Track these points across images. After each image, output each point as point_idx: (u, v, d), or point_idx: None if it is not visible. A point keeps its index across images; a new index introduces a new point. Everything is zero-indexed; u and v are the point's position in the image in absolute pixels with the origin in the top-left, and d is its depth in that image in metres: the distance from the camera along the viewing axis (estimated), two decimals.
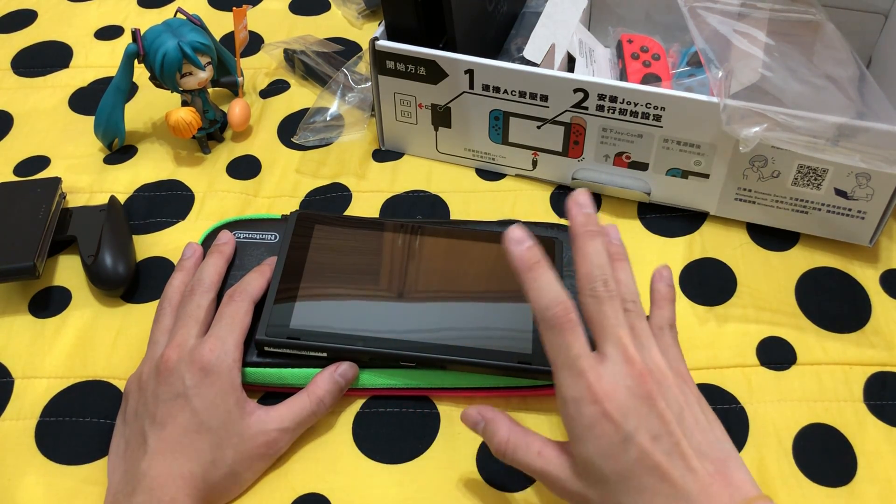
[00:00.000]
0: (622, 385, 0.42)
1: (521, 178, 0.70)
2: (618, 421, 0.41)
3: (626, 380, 0.42)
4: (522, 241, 0.45)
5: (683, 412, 0.43)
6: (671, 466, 0.41)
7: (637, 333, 0.44)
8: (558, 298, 0.43)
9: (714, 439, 0.43)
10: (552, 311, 0.43)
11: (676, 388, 0.43)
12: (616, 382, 0.42)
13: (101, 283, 0.61)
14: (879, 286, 0.61)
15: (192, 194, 0.69)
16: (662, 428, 0.41)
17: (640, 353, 0.43)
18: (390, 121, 0.70)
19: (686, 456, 0.41)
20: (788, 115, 0.56)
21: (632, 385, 0.42)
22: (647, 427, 0.41)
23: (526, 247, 0.44)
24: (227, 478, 0.49)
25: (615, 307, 0.44)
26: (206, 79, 0.69)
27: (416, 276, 0.57)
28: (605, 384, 0.42)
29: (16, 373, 0.58)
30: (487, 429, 0.47)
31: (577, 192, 0.47)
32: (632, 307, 0.45)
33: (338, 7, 0.89)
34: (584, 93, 0.62)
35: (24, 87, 0.81)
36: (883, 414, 0.54)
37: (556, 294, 0.43)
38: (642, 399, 0.42)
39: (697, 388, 0.45)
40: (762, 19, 0.64)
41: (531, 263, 0.44)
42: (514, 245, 0.45)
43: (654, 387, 0.42)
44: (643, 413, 0.42)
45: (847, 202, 0.61)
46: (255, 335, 0.54)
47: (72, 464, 0.53)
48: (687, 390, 0.44)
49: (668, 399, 0.42)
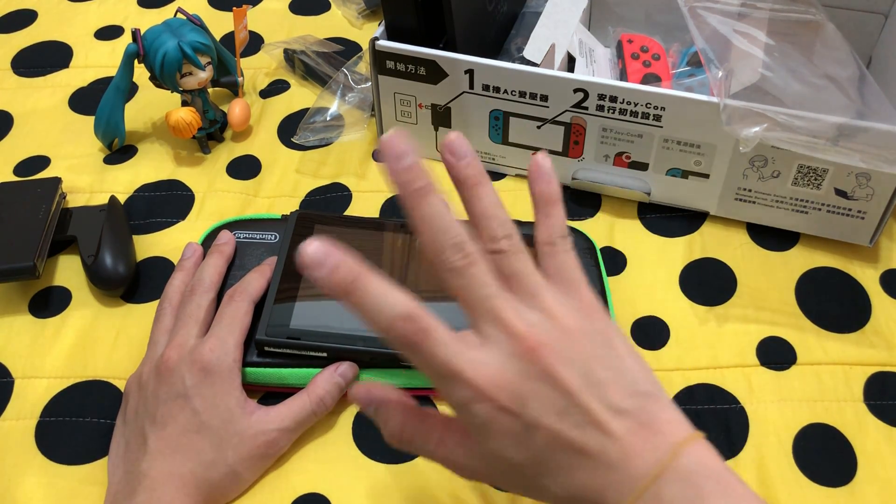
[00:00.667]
0: (512, 370, 0.36)
1: (521, 178, 0.70)
2: (516, 411, 0.36)
3: (514, 362, 0.36)
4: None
5: (590, 368, 0.37)
6: (586, 439, 0.36)
7: (518, 283, 0.38)
8: (400, 312, 0.36)
9: (630, 384, 0.37)
10: (395, 331, 0.36)
11: (579, 340, 0.37)
12: (503, 368, 0.36)
13: (101, 283, 0.61)
14: (879, 286, 0.61)
15: (192, 194, 0.69)
16: (569, 401, 0.36)
17: (523, 317, 0.37)
18: (390, 121, 0.70)
19: (600, 422, 0.36)
20: (788, 115, 0.56)
21: (523, 367, 0.36)
22: (552, 406, 0.36)
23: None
24: (228, 478, 0.49)
25: (480, 272, 0.37)
26: (206, 79, 0.69)
27: (416, 275, 0.57)
28: (491, 375, 0.36)
29: (16, 373, 0.58)
30: (379, 413, 0.41)
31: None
32: (505, 244, 0.38)
33: (338, 7, 0.89)
34: (584, 93, 0.62)
35: (24, 87, 0.81)
36: (883, 414, 0.54)
37: (397, 309, 0.36)
38: (539, 377, 0.36)
39: (605, 311, 0.40)
40: (762, 19, 0.64)
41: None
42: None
43: (550, 356, 0.36)
44: (544, 393, 0.36)
45: (847, 202, 0.61)
46: (255, 335, 0.54)
47: (72, 464, 0.53)
48: (591, 330, 0.38)
49: (569, 362, 0.37)
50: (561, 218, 0.41)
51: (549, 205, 0.41)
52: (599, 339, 0.38)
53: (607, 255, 0.63)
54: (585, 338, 0.38)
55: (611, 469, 0.36)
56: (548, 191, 0.41)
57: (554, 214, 0.41)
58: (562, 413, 0.36)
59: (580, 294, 0.39)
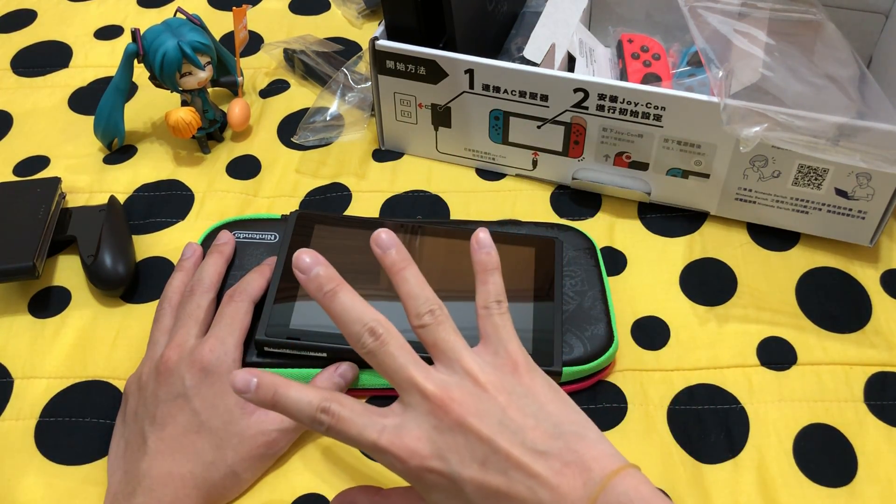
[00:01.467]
0: (426, 428, 0.40)
1: (521, 178, 0.70)
2: (439, 468, 0.39)
3: (429, 420, 0.40)
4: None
5: (507, 416, 0.40)
6: (511, 483, 0.38)
7: (441, 350, 0.42)
8: (317, 405, 0.41)
9: (552, 426, 0.40)
10: (319, 417, 0.41)
11: (494, 394, 0.40)
12: (419, 429, 0.40)
13: (101, 283, 0.61)
14: (880, 286, 0.61)
15: (192, 194, 0.69)
16: (487, 449, 0.39)
17: (434, 378, 0.41)
18: (390, 121, 0.70)
19: (523, 465, 0.38)
20: (789, 115, 0.56)
21: (436, 423, 0.40)
22: (472, 456, 0.39)
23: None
24: (227, 478, 0.49)
25: (393, 348, 0.42)
26: (205, 79, 0.69)
27: None
28: (410, 439, 0.40)
29: (16, 373, 0.57)
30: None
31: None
32: (427, 319, 0.43)
33: (338, 7, 0.89)
34: (585, 92, 0.62)
35: (23, 87, 0.81)
36: (883, 414, 0.54)
37: (314, 402, 0.41)
38: (452, 430, 0.39)
39: (534, 366, 0.43)
40: (762, 19, 0.64)
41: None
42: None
43: (460, 408, 0.40)
44: (460, 444, 0.39)
45: (847, 202, 0.61)
46: (255, 335, 0.53)
47: (72, 464, 0.53)
48: (510, 382, 0.41)
49: (483, 412, 0.40)
50: (497, 285, 0.45)
51: (487, 273, 0.45)
52: (519, 391, 0.41)
53: (607, 255, 0.63)
54: (503, 391, 0.41)
55: None
56: (486, 260, 0.46)
57: (491, 282, 0.45)
58: (483, 462, 0.39)
59: (507, 351, 0.43)
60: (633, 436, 0.53)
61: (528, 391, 0.41)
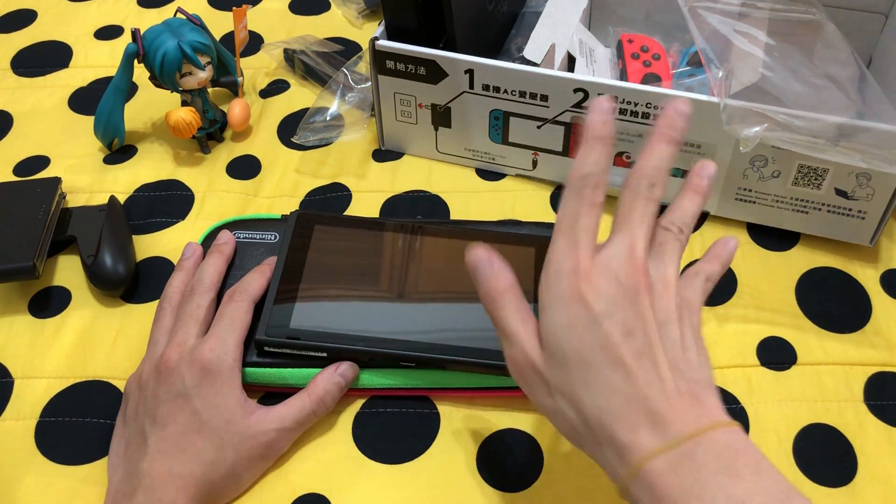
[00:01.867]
0: (611, 271, 0.39)
1: (521, 178, 0.70)
2: (590, 302, 0.39)
3: (619, 269, 0.39)
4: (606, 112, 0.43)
5: (669, 324, 0.40)
6: (638, 367, 0.38)
7: (660, 246, 0.42)
8: (597, 176, 0.41)
9: (696, 363, 0.40)
10: (585, 180, 0.41)
11: (673, 304, 0.40)
12: (607, 266, 0.40)
13: (101, 283, 0.61)
14: (880, 286, 0.61)
15: (192, 194, 0.69)
16: (639, 326, 0.38)
17: (646, 256, 0.40)
18: (390, 121, 0.70)
19: (658, 363, 0.38)
20: (789, 115, 0.56)
21: (622, 276, 0.39)
22: (622, 319, 0.38)
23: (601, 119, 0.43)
24: (228, 478, 0.49)
25: (646, 208, 0.41)
26: (205, 79, 0.69)
27: (417, 276, 0.57)
28: (595, 264, 0.40)
29: (16, 373, 0.58)
30: (484, 270, 0.43)
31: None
32: (674, 231, 0.43)
33: (338, 7, 0.89)
34: (585, 93, 0.62)
35: (23, 87, 0.81)
36: (883, 414, 0.54)
37: (598, 170, 0.41)
38: (627, 292, 0.39)
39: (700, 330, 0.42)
40: (762, 19, 0.64)
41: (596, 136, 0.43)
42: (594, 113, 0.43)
43: (646, 288, 0.39)
44: (622, 304, 0.39)
45: (847, 202, 0.61)
46: (255, 335, 0.53)
47: (72, 464, 0.53)
48: (685, 314, 0.41)
49: (657, 306, 0.40)
50: (719, 271, 0.46)
51: (718, 259, 0.46)
52: (688, 324, 0.41)
53: None
54: (680, 311, 0.41)
55: (649, 412, 0.37)
56: (723, 253, 0.46)
57: (716, 263, 0.46)
58: (628, 331, 0.38)
59: (691, 304, 0.43)
60: None
61: (693, 329, 0.41)
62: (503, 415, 0.54)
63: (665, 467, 0.36)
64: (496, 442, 0.53)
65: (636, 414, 0.37)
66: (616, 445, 0.38)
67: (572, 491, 0.51)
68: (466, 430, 0.54)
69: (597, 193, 0.41)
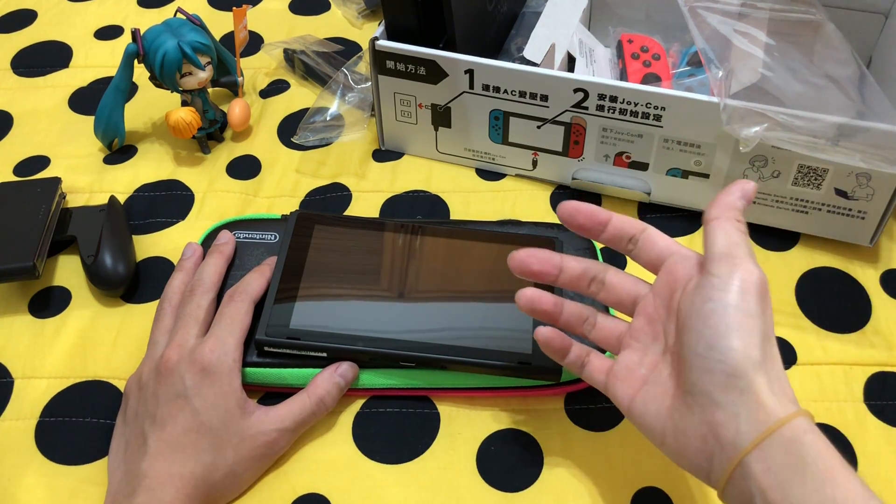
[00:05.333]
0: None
1: (521, 178, 0.70)
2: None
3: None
4: None
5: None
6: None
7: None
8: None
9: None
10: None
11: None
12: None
13: (101, 283, 0.61)
14: (880, 286, 0.61)
15: (192, 194, 0.69)
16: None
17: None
18: (390, 121, 0.70)
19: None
20: (788, 115, 0.56)
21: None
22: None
23: None
24: (228, 478, 0.49)
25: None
26: (205, 79, 0.69)
27: (417, 276, 0.57)
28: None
29: (16, 373, 0.58)
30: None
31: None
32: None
33: (338, 7, 0.89)
34: (584, 93, 0.62)
35: (24, 87, 0.81)
36: (883, 414, 0.54)
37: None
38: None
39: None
40: (762, 19, 0.64)
41: None
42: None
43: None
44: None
45: (847, 202, 0.61)
46: (255, 335, 0.54)
47: (72, 464, 0.53)
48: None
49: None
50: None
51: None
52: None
53: (607, 255, 0.63)
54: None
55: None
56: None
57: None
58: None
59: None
60: (634, 436, 0.53)
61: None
62: (503, 415, 0.54)
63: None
64: (496, 442, 0.53)
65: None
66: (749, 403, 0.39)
67: (572, 491, 0.51)
68: (466, 430, 0.54)
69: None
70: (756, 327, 0.40)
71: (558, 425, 0.54)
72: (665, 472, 0.51)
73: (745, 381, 0.39)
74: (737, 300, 0.40)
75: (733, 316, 0.40)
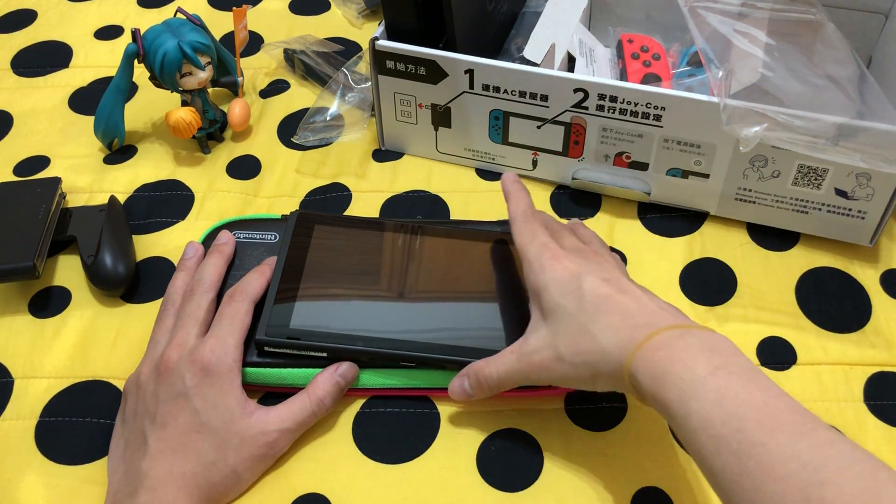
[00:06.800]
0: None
1: (521, 177, 0.70)
2: (572, 269, 0.49)
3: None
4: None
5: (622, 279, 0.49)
6: (622, 297, 0.47)
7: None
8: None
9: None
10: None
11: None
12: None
13: (101, 283, 0.61)
14: (880, 286, 0.61)
15: (192, 194, 0.69)
16: (610, 276, 0.48)
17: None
18: (390, 121, 0.70)
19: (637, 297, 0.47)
20: (788, 115, 0.56)
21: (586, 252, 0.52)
22: (597, 273, 0.48)
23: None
24: (228, 478, 0.49)
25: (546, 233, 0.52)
26: (206, 79, 0.69)
27: (416, 276, 0.57)
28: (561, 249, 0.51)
29: (16, 373, 0.58)
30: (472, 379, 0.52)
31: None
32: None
33: (338, 7, 0.89)
34: (584, 93, 0.62)
35: (23, 87, 0.81)
36: (883, 414, 0.54)
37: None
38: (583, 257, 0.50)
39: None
40: (762, 19, 0.64)
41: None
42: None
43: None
44: (591, 266, 0.49)
45: (847, 202, 0.61)
46: (255, 335, 0.53)
47: (72, 464, 0.53)
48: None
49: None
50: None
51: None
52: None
53: None
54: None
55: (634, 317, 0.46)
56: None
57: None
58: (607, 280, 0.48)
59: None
60: (633, 436, 0.53)
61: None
62: (503, 415, 0.54)
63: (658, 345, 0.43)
64: (496, 442, 0.53)
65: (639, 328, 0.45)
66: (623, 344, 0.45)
67: (572, 491, 0.51)
68: (466, 430, 0.54)
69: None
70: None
71: (558, 425, 0.54)
72: (665, 472, 0.51)
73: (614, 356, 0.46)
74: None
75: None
